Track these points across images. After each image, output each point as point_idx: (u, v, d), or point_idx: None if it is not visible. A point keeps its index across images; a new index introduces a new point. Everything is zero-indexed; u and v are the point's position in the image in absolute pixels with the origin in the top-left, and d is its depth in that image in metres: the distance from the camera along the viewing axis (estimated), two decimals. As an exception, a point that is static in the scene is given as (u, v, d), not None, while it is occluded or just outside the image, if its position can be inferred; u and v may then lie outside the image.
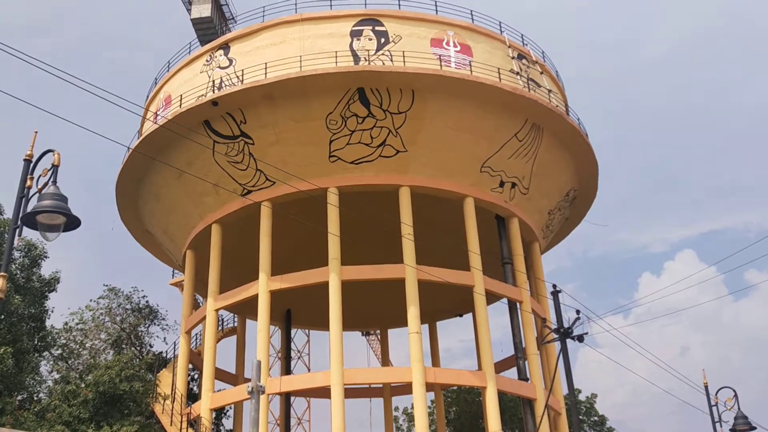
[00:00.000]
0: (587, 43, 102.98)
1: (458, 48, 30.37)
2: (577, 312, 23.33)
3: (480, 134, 30.00)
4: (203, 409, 29.14)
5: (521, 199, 32.53)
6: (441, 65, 29.26)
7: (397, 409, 48.07)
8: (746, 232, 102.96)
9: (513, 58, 31.78)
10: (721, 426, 24.48)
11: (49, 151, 12.75)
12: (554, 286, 24.87)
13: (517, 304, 31.46)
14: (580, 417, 44.30)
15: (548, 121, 31.12)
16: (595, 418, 46.68)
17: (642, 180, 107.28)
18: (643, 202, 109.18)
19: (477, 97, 29.24)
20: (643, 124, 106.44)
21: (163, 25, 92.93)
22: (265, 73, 28.74)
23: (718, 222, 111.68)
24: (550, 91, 32.52)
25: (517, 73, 31.26)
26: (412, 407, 38.39)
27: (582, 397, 46.98)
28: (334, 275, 28.33)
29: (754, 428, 24.25)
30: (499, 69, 30.29)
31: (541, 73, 33.27)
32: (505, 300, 32.27)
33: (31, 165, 12.69)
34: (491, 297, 31.39)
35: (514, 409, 42.66)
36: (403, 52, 29.11)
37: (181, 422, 28.34)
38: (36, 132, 13.33)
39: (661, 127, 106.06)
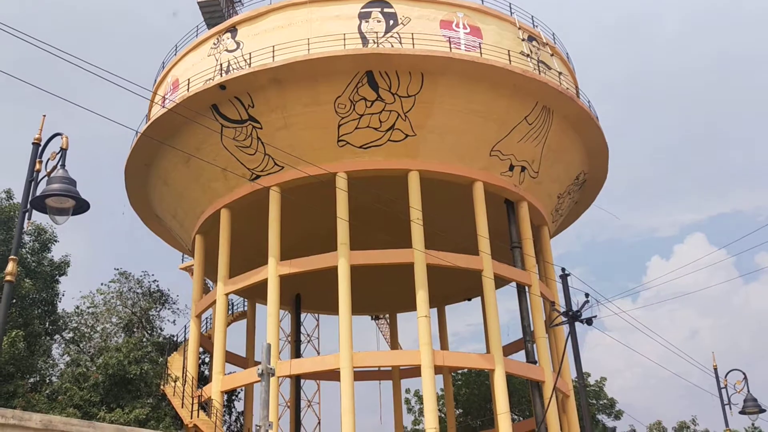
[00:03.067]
0: (597, 24, 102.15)
1: (468, 30, 30.15)
2: (586, 295, 23.29)
3: (490, 117, 29.84)
4: (214, 391, 29.34)
5: (531, 183, 32.41)
6: (450, 47, 29.07)
7: (408, 391, 48.28)
8: (757, 215, 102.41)
9: (523, 40, 31.54)
10: (730, 409, 24.45)
11: (57, 134, 12.76)
12: (563, 269, 24.83)
13: (526, 288, 31.44)
14: (590, 400, 44.36)
15: (558, 103, 30.92)
16: (605, 401, 46.74)
17: (652, 163, 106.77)
18: (653, 185, 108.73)
19: (487, 80, 29.06)
20: (653, 107, 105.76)
21: (168, 7, 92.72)
22: (273, 56, 28.64)
23: (728, 205, 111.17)
24: (560, 73, 32.29)
25: (528, 56, 31.03)
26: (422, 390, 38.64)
27: (591, 380, 47.03)
28: (343, 260, 28.36)
29: (764, 410, 24.21)
30: (509, 51, 30.07)
31: (552, 55, 33.02)
32: (513, 284, 32.25)
33: (40, 149, 12.71)
34: (500, 281, 31.38)
35: (523, 391, 42.76)
36: (412, 34, 28.93)
37: (192, 404, 28.53)
38: (44, 116, 13.33)
39: (671, 110, 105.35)
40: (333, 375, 32.64)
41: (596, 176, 36.15)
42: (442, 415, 40.05)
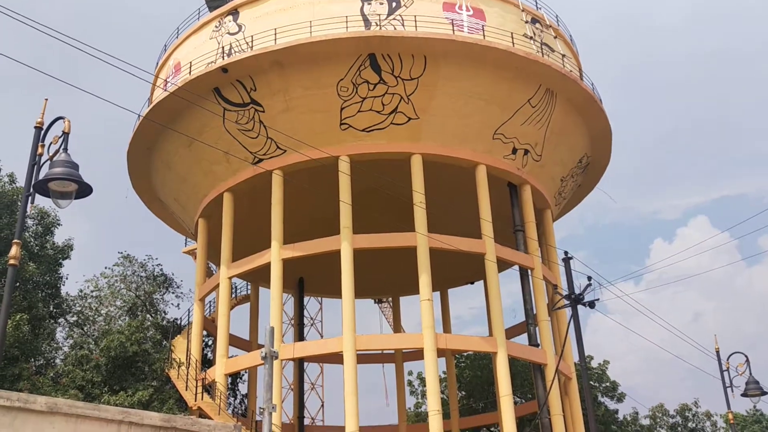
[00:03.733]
0: (601, 11, 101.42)
1: (471, 12, 29.95)
2: (589, 279, 23.28)
3: (493, 100, 29.72)
4: (218, 374, 29.49)
5: (534, 166, 32.33)
6: (453, 30, 28.90)
7: (411, 373, 48.48)
8: (760, 198, 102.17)
9: (526, 22, 31.34)
10: (732, 391, 24.50)
11: (59, 118, 12.73)
12: (566, 253, 24.81)
13: (529, 271, 31.46)
14: (592, 383, 44.52)
15: (562, 86, 30.78)
16: (607, 384, 46.90)
17: (655, 147, 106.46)
18: (656, 168, 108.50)
19: (490, 63, 28.92)
20: (657, 91, 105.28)
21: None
22: (275, 39, 28.51)
23: (731, 188, 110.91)
24: (563, 56, 32.12)
25: (531, 38, 30.85)
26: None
27: (594, 363, 47.17)
28: (345, 243, 28.38)
29: (766, 393, 24.26)
30: (512, 33, 29.89)
31: (555, 37, 32.81)
32: (516, 267, 32.26)
33: (42, 132, 12.69)
34: (503, 264, 31.40)
35: (525, 374, 42.92)
36: (415, 16, 28.74)
37: (196, 387, 28.69)
38: (46, 99, 13.30)
39: (674, 95, 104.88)
40: (336, 358, 32.80)
41: (599, 159, 36.06)
42: (445, 398, 40.23)
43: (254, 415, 33.15)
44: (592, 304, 23.32)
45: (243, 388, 39.72)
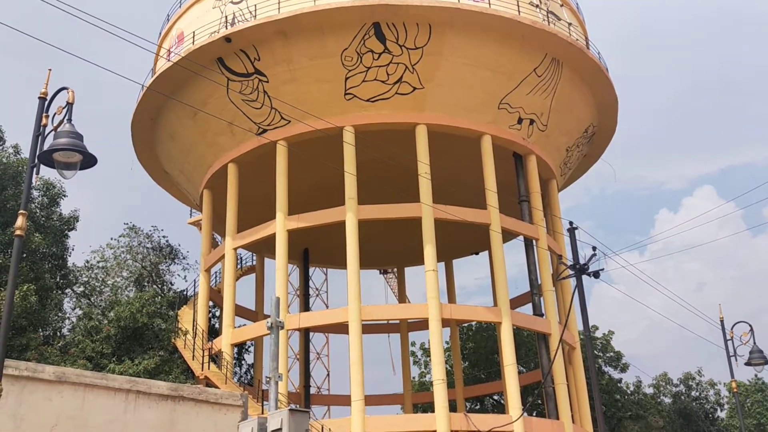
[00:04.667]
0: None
1: (476, -20, 29.55)
2: (594, 248, 23.30)
3: (498, 70, 29.49)
4: (224, 344, 29.72)
5: (539, 136, 32.18)
6: (458, -2, 28.55)
7: (414, 344, 48.78)
8: (766, 166, 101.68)
9: (532, -10, 30.95)
10: (736, 360, 24.61)
11: (63, 88, 12.66)
12: (571, 223, 24.81)
13: (534, 242, 31.48)
14: (596, 353, 44.77)
15: (568, 55, 30.52)
16: (611, 353, 47.16)
17: (662, 116, 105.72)
18: (663, 138, 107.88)
19: (495, 31, 28.64)
20: (662, 58, 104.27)
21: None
22: (279, 8, 28.24)
23: (738, 157, 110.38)
24: (570, 24, 31.78)
25: (537, 6, 30.50)
26: (429, 343, 39.06)
27: (599, 333, 47.37)
28: (350, 214, 28.38)
29: (769, 362, 24.35)
30: (518, 2, 29.53)
31: (561, 5, 32.45)
32: (521, 238, 32.28)
33: (46, 103, 12.64)
34: (507, 235, 31.41)
35: (530, 344, 43.17)
36: (420, -15, 28.37)
37: (203, 357, 28.93)
38: (50, 70, 13.22)
39: (680, 62, 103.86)
40: (341, 328, 32.98)
41: (605, 129, 35.87)
42: (449, 368, 40.53)
43: (260, 384, 33.48)
44: (596, 274, 23.36)
45: (249, 358, 40.09)
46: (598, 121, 34.90)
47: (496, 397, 46.30)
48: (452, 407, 32.66)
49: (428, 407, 40.51)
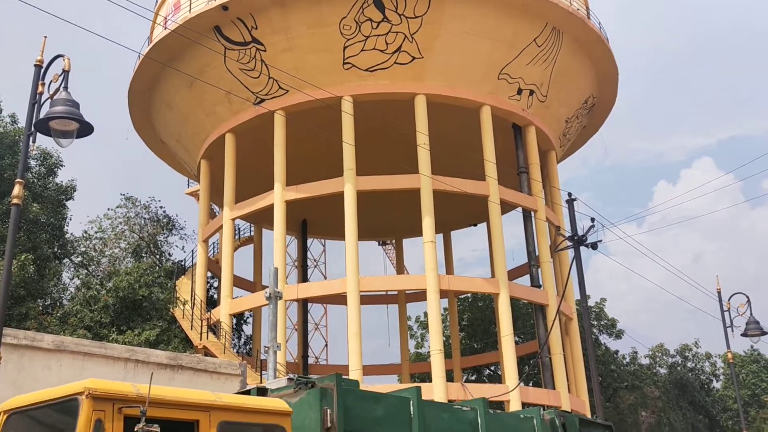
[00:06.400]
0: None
1: (476, -52, 29.15)
2: (592, 220, 23.32)
3: (498, 39, 29.23)
4: (222, 314, 29.80)
5: (539, 107, 32.00)
6: (458, -34, 28.19)
7: (410, 318, 48.96)
8: (767, 138, 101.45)
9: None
10: (732, 331, 24.73)
11: (59, 56, 12.51)
12: (569, 194, 24.79)
13: (532, 213, 31.46)
14: (591, 322, 45.00)
15: (568, 25, 30.25)
16: (605, 321, 47.43)
17: (662, 87, 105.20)
18: (661, 109, 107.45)
19: (496, 0, 28.33)
20: (660, 26, 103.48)
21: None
22: (277, -24, 27.86)
23: (738, 129, 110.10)
24: (571, -7, 31.42)
25: (538, -25, 30.09)
26: (426, 316, 39.27)
27: (591, 302, 47.55)
28: (349, 185, 28.30)
29: (766, 333, 24.49)
30: (518, -30, 29.18)
31: (562, -26, 32.03)
32: (519, 209, 32.25)
33: (42, 70, 12.49)
34: (506, 206, 31.38)
35: (527, 316, 43.37)
36: (419, -48, 28.00)
37: (201, 327, 29.04)
38: (45, 37, 13.05)
39: (681, 32, 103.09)
40: (340, 299, 33.09)
41: (605, 100, 35.69)
42: (446, 339, 40.75)
43: (259, 354, 33.65)
44: (594, 246, 23.41)
45: (247, 329, 40.23)
46: (598, 92, 34.71)
47: (492, 368, 46.64)
48: (449, 377, 32.88)
49: (426, 377, 40.79)
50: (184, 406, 6.32)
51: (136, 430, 5.54)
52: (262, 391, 7.65)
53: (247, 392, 7.52)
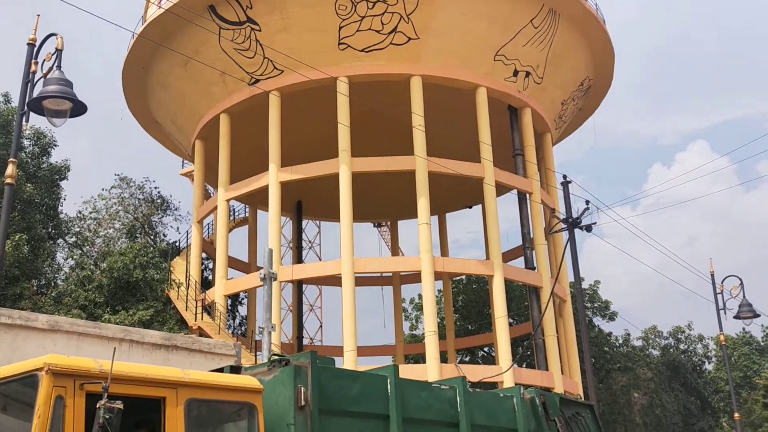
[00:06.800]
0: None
1: (473, -73, 28.92)
2: (587, 202, 23.34)
3: (494, 20, 29.08)
4: (217, 295, 29.83)
5: (535, 89, 31.91)
6: (455, -54, 27.97)
7: (404, 300, 49.06)
8: (762, 122, 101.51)
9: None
10: (725, 314, 24.89)
11: (52, 34, 12.43)
12: (564, 177, 24.78)
13: (527, 196, 31.48)
14: (584, 304, 45.19)
15: (565, 6, 30.12)
16: (599, 303, 47.64)
17: (658, 70, 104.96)
18: (656, 92, 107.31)
19: (492, -19, 28.19)
20: (657, 9, 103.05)
21: None
22: (272, -45, 27.61)
23: (733, 112, 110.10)
24: (568, -26, 31.22)
25: (535, -44, 29.91)
26: (420, 297, 39.33)
27: (585, 284, 47.72)
28: (344, 167, 28.24)
29: (758, 315, 24.67)
30: (515, -49, 28.99)
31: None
32: (514, 191, 32.26)
33: (35, 49, 12.40)
34: (501, 188, 31.39)
35: (521, 298, 43.51)
36: (416, -68, 27.76)
37: (196, 307, 29.07)
38: (38, 15, 12.95)
39: (675, 14, 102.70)
40: (334, 280, 33.13)
41: (601, 82, 35.61)
42: (440, 320, 40.88)
43: (253, 335, 33.72)
44: (589, 228, 23.45)
45: (242, 310, 40.30)
46: (594, 74, 34.62)
47: (486, 349, 46.86)
48: (443, 359, 33.05)
49: (420, 358, 40.97)
50: (149, 382, 6.10)
51: (98, 406, 5.33)
52: (235, 369, 7.57)
53: (221, 370, 7.45)
